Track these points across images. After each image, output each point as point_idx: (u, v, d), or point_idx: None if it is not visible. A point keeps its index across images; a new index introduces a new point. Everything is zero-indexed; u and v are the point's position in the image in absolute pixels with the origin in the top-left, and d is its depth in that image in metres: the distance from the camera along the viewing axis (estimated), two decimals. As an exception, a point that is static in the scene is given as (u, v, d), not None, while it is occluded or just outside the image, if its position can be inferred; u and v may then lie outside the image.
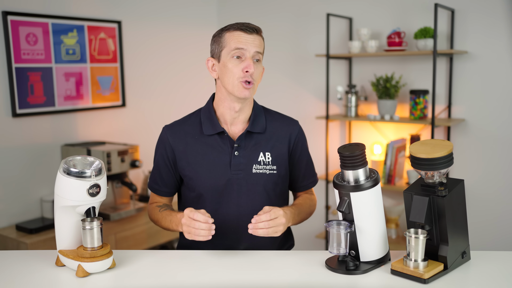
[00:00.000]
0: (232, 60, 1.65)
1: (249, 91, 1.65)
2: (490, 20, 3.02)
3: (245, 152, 1.72)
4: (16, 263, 1.55)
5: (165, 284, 1.41)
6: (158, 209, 1.77)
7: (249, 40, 1.64)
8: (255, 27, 1.67)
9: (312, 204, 1.84)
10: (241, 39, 1.64)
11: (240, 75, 1.64)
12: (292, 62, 3.78)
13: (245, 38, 1.64)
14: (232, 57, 1.64)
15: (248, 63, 1.63)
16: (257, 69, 1.66)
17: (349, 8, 3.48)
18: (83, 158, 1.49)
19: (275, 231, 1.54)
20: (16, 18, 2.83)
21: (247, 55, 1.64)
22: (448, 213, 1.42)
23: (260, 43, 1.67)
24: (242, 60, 1.64)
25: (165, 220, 1.72)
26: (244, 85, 1.64)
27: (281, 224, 1.54)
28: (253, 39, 1.65)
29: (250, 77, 1.64)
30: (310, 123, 3.68)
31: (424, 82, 3.25)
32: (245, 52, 1.64)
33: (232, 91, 1.66)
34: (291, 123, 1.82)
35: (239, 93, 1.65)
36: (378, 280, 1.43)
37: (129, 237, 3.06)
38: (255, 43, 1.65)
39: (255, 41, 1.65)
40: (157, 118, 3.63)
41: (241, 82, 1.64)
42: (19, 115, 2.87)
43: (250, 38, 1.64)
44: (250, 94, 1.66)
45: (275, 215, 1.53)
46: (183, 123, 1.79)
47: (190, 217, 1.52)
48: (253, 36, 1.65)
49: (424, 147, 1.43)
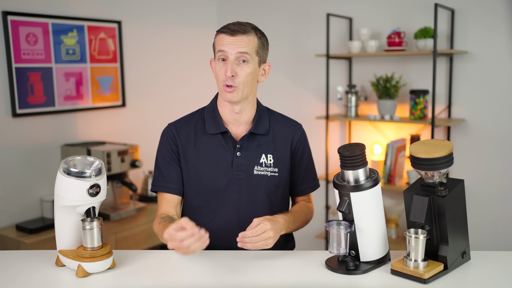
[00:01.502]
0: (218, 62, 1.65)
1: (232, 95, 1.63)
2: (490, 20, 3.02)
3: (247, 153, 1.72)
4: (16, 263, 1.55)
5: (165, 284, 1.41)
6: (159, 221, 1.67)
7: (230, 42, 1.62)
8: (238, 29, 1.62)
9: (308, 212, 1.82)
10: (223, 41, 1.63)
11: (223, 78, 1.63)
12: (292, 62, 3.78)
13: (227, 40, 1.62)
14: (218, 59, 1.65)
15: (227, 67, 1.61)
16: (242, 70, 1.62)
17: (349, 8, 3.48)
18: (83, 158, 1.49)
19: (264, 244, 1.50)
20: (16, 18, 2.83)
21: (229, 57, 1.62)
22: (448, 213, 1.42)
23: (247, 43, 1.62)
24: (226, 62, 1.64)
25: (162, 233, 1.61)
26: (225, 89, 1.63)
27: (269, 237, 1.50)
28: (235, 40, 1.61)
29: (231, 81, 1.62)
30: (310, 123, 3.68)
31: (424, 82, 3.25)
32: (227, 53, 1.62)
33: (220, 94, 1.67)
34: (294, 126, 1.81)
35: (223, 96, 1.65)
36: (378, 280, 1.43)
37: (129, 237, 3.06)
38: (238, 44, 1.61)
39: (237, 42, 1.61)
40: (157, 118, 3.63)
41: (223, 85, 1.63)
42: (19, 115, 2.87)
43: (232, 40, 1.62)
44: (234, 97, 1.63)
45: (262, 230, 1.49)
46: (186, 121, 1.78)
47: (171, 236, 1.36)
48: (235, 38, 1.61)
49: (424, 147, 1.43)
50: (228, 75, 1.61)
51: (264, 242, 1.50)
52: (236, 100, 1.65)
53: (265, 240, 1.50)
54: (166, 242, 1.60)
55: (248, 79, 1.64)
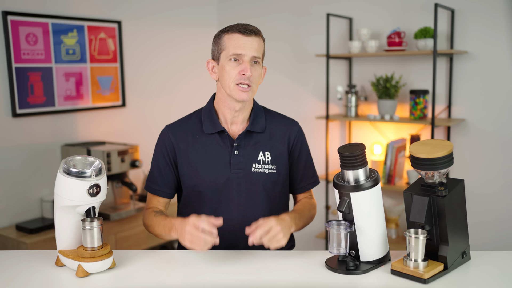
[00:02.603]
0: (230, 62, 1.65)
1: (247, 94, 1.66)
2: (490, 20, 3.02)
3: (244, 151, 1.73)
4: (16, 263, 1.55)
5: (165, 284, 1.41)
6: (154, 214, 1.72)
7: (247, 43, 1.64)
8: (253, 29, 1.66)
9: (312, 207, 1.83)
10: (239, 42, 1.64)
11: (237, 78, 1.64)
12: (292, 62, 3.78)
13: (243, 40, 1.64)
14: (230, 59, 1.65)
15: (245, 66, 1.63)
16: (255, 71, 1.66)
17: (349, 8, 3.48)
18: (83, 158, 1.49)
19: (275, 242, 1.50)
20: (16, 18, 2.83)
21: (245, 58, 1.64)
22: (448, 213, 1.42)
23: (259, 45, 1.67)
24: (240, 62, 1.65)
25: (158, 225, 1.66)
26: (241, 88, 1.65)
27: (277, 233, 1.50)
28: (251, 41, 1.64)
29: (248, 80, 1.64)
30: (310, 123, 3.68)
31: (424, 82, 3.25)
32: (243, 55, 1.64)
33: (230, 93, 1.67)
34: (290, 124, 1.83)
35: (237, 96, 1.66)
36: (378, 280, 1.43)
37: (129, 237, 3.06)
38: (253, 46, 1.64)
39: (253, 43, 1.64)
40: (157, 118, 3.63)
41: (238, 85, 1.64)
42: (19, 115, 2.87)
43: (248, 40, 1.64)
44: (248, 96, 1.66)
45: (268, 226, 1.50)
46: (184, 122, 1.80)
47: (196, 226, 1.47)
48: (251, 38, 1.64)
49: (424, 147, 1.43)
50: (248, 75, 1.63)
51: (275, 239, 1.50)
52: (248, 99, 1.67)
53: (274, 237, 1.50)
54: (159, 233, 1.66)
55: (259, 80, 1.71)
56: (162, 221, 1.66)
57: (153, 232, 1.71)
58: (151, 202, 1.79)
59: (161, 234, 1.66)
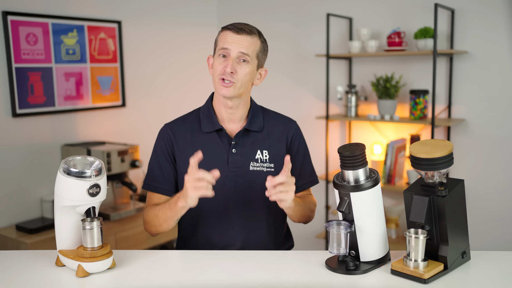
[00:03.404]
0: (218, 58, 1.68)
1: (228, 90, 1.65)
2: (490, 20, 3.02)
3: (242, 150, 1.74)
4: (16, 263, 1.55)
5: (164, 284, 1.41)
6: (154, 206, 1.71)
7: (235, 39, 1.65)
8: (247, 28, 1.67)
9: (311, 201, 1.83)
10: (227, 38, 1.66)
11: (220, 73, 1.66)
12: (292, 62, 3.78)
13: (231, 37, 1.65)
14: (219, 55, 1.67)
15: (228, 63, 1.64)
16: (241, 69, 1.66)
17: (349, 8, 3.48)
18: (83, 158, 1.49)
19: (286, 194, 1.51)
20: (16, 18, 2.83)
21: (231, 53, 1.65)
22: (448, 213, 1.42)
23: (251, 44, 1.66)
24: (227, 59, 1.66)
25: (161, 209, 1.65)
26: (223, 83, 1.66)
27: (292, 190, 1.52)
28: (240, 39, 1.65)
29: (230, 77, 1.64)
30: (310, 123, 3.68)
31: (424, 82, 3.25)
32: (229, 51, 1.65)
33: (215, 88, 1.70)
34: (288, 122, 1.83)
35: (218, 90, 1.68)
36: (378, 280, 1.43)
37: (129, 237, 3.06)
38: (241, 44, 1.65)
39: (241, 41, 1.65)
40: (157, 118, 3.63)
41: (220, 79, 1.66)
42: (19, 115, 2.87)
43: (237, 37, 1.65)
44: (229, 92, 1.66)
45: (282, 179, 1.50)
46: (182, 121, 1.81)
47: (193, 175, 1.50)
48: (240, 36, 1.65)
49: (424, 147, 1.43)
50: (228, 71, 1.64)
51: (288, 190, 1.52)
52: (230, 95, 1.67)
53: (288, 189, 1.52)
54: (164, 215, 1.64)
55: (246, 78, 1.68)
56: (164, 204, 1.65)
57: (156, 223, 1.69)
58: (152, 201, 1.78)
59: (167, 215, 1.64)
